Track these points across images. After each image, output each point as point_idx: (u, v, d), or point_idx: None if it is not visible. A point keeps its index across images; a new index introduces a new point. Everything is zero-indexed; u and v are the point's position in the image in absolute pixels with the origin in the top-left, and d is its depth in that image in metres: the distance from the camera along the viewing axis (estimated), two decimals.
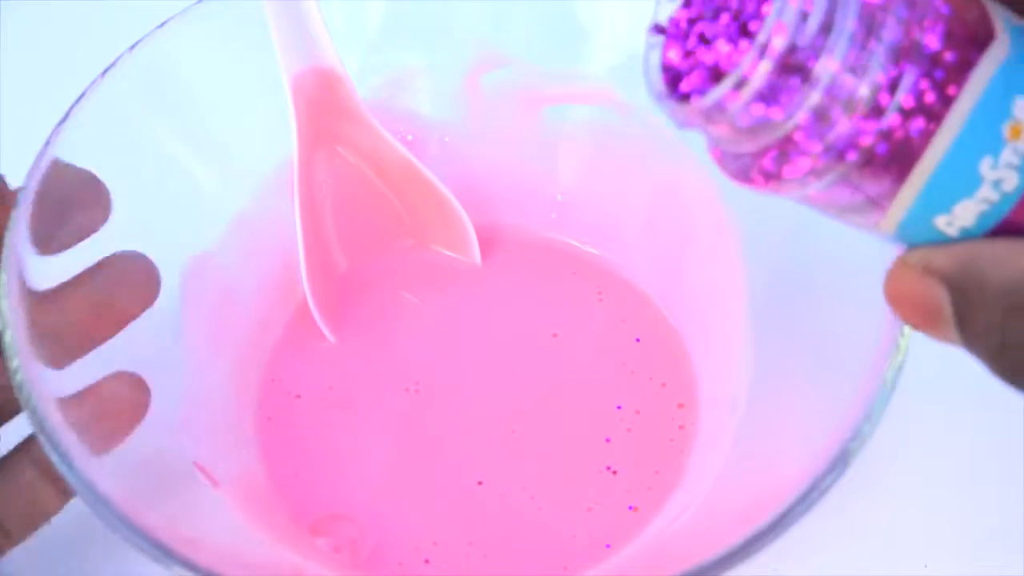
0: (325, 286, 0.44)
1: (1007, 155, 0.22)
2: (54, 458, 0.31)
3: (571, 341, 0.43)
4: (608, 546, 0.38)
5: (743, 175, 0.24)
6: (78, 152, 0.37)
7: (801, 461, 0.31)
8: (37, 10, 0.55)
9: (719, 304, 0.41)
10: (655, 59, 0.25)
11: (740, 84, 0.22)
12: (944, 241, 0.23)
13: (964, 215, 0.23)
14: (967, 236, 0.23)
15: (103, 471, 0.31)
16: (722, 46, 0.23)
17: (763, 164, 0.24)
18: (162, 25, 0.39)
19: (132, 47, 0.39)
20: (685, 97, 0.24)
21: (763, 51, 0.22)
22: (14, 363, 0.32)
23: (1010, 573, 0.38)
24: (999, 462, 0.40)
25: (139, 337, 0.38)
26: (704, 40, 0.24)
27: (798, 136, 0.23)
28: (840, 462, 0.30)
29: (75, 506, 0.30)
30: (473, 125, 0.45)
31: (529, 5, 0.43)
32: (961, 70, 0.22)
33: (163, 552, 0.29)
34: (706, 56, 0.24)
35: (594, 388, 0.42)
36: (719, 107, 0.23)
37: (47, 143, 0.36)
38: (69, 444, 0.31)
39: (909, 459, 0.40)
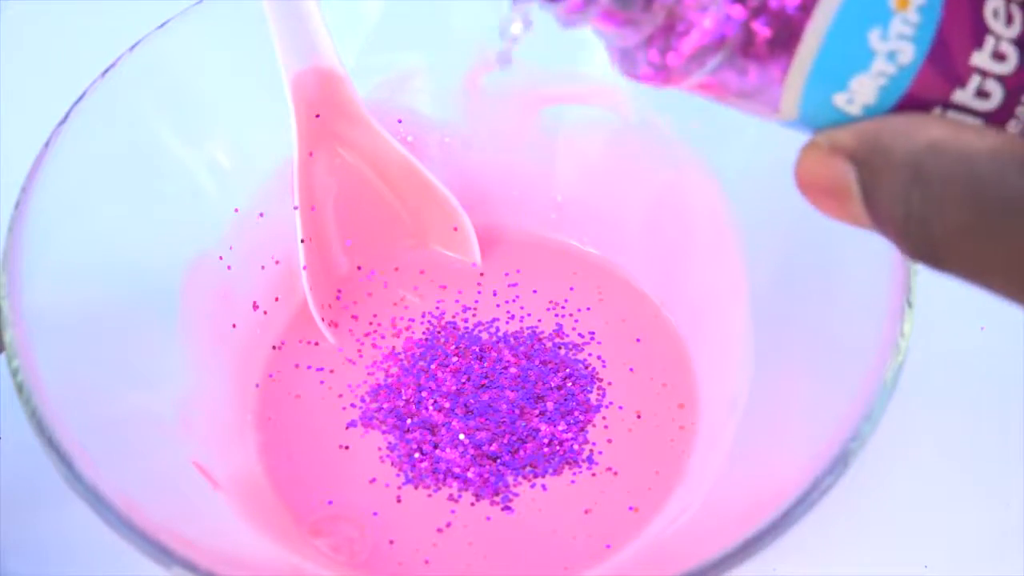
0: (325, 286, 0.44)
1: (897, 25, 0.22)
2: (54, 459, 0.31)
3: (570, 341, 0.43)
4: (608, 546, 0.38)
5: (635, 71, 0.24)
6: (78, 152, 0.37)
7: (801, 461, 0.31)
8: (37, 10, 0.55)
9: (719, 304, 0.41)
10: None
11: None
12: (851, 121, 0.23)
13: (863, 91, 0.23)
14: (872, 114, 0.23)
15: (103, 472, 0.31)
16: None
17: (649, 56, 0.23)
18: (162, 25, 0.39)
19: (132, 47, 0.39)
20: None
21: None
22: (14, 363, 0.32)
23: (1010, 573, 0.38)
24: (999, 462, 0.40)
25: (139, 337, 0.38)
26: None
27: (675, 21, 0.22)
28: (840, 462, 0.30)
29: (75, 506, 0.30)
30: (473, 125, 0.45)
31: (529, 5, 0.43)
32: None
33: (163, 552, 0.29)
34: None
35: (594, 388, 0.42)
36: (589, 3, 0.22)
37: (47, 143, 0.36)
38: (69, 445, 0.31)
39: (909, 459, 0.40)
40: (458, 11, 0.43)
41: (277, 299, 0.44)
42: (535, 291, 0.44)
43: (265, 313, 0.43)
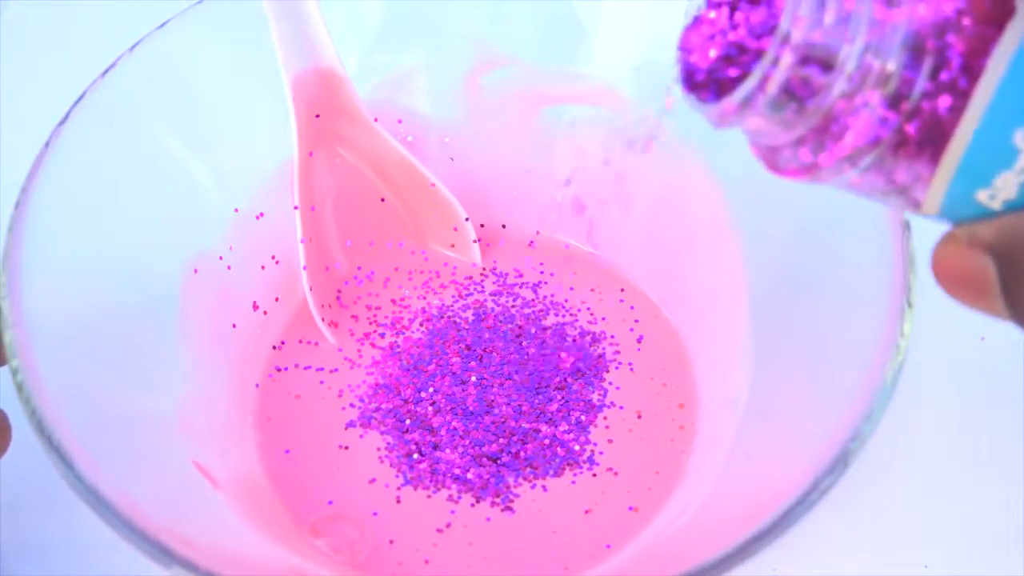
0: (325, 286, 0.44)
1: None
2: (54, 459, 0.31)
3: (571, 342, 0.43)
4: (608, 546, 0.38)
5: (782, 167, 0.24)
6: (78, 152, 0.37)
7: (801, 461, 0.31)
8: (37, 10, 0.55)
9: (719, 304, 0.41)
10: (680, 66, 0.25)
11: (764, 79, 0.23)
12: (990, 215, 0.23)
13: (1006, 187, 0.23)
14: (1013, 209, 0.23)
15: (103, 472, 0.31)
16: (743, 38, 0.24)
17: (800, 154, 0.24)
18: (162, 25, 0.39)
19: (132, 47, 0.39)
20: (715, 97, 0.24)
21: (784, 42, 0.22)
22: (14, 363, 0.32)
23: (1010, 573, 0.38)
24: (999, 462, 0.40)
25: (139, 337, 0.38)
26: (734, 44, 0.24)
27: (830, 124, 0.23)
28: (840, 462, 0.30)
29: (76, 506, 0.30)
30: (473, 125, 0.45)
31: (529, 5, 0.43)
32: (984, 44, 0.22)
33: (163, 552, 0.29)
34: (715, 52, 0.24)
35: (595, 389, 0.42)
36: (748, 103, 0.23)
37: (47, 143, 0.36)
38: (69, 445, 0.31)
39: (909, 459, 0.40)
40: (458, 11, 0.43)
41: (277, 299, 0.44)
42: (535, 291, 0.44)
43: (265, 313, 0.43)
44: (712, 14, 0.25)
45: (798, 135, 0.23)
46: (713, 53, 0.24)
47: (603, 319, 0.44)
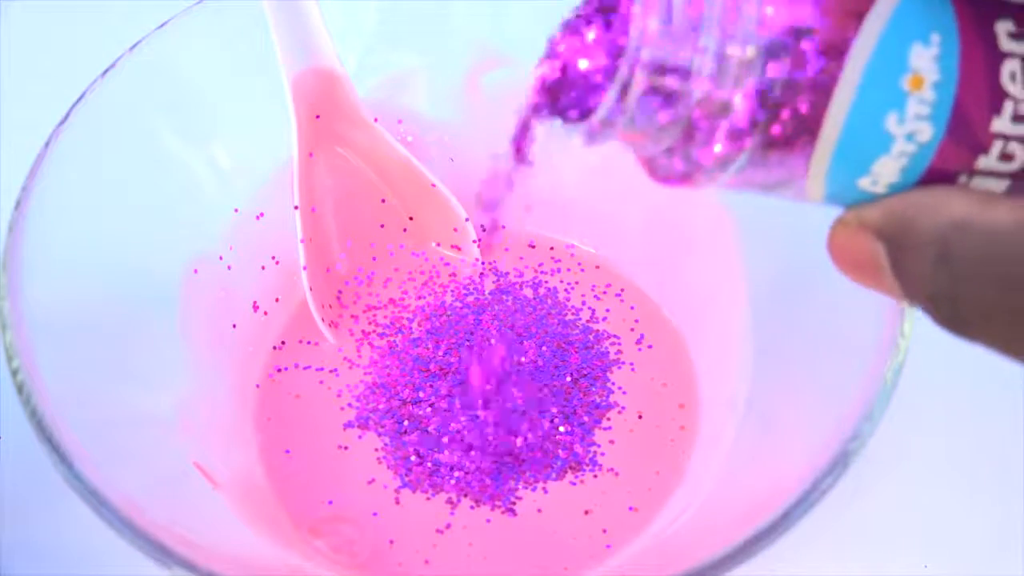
0: (325, 286, 0.44)
1: (913, 107, 0.22)
2: (54, 459, 0.31)
3: (571, 342, 0.43)
4: (609, 546, 0.38)
5: (662, 176, 0.25)
6: (78, 152, 0.37)
7: (801, 461, 0.31)
8: (37, 10, 0.55)
9: (719, 304, 0.41)
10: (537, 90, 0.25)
11: (620, 98, 0.23)
12: (876, 198, 0.23)
13: (886, 172, 0.23)
14: (898, 190, 0.23)
15: (104, 472, 0.31)
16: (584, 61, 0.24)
17: (674, 163, 0.24)
18: (162, 25, 0.39)
19: (132, 47, 0.39)
20: (579, 117, 0.24)
21: (634, 60, 0.22)
22: (14, 363, 0.32)
23: (1010, 573, 0.38)
24: (999, 462, 0.40)
25: (139, 337, 0.38)
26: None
27: (695, 132, 0.23)
28: (840, 462, 0.30)
29: (75, 506, 0.30)
30: (473, 125, 0.45)
31: (529, 5, 0.43)
32: (844, 34, 0.22)
33: (163, 552, 0.29)
34: (570, 75, 0.24)
35: (595, 389, 0.42)
36: (609, 122, 0.23)
37: (47, 143, 0.36)
38: (69, 445, 0.31)
39: (909, 459, 0.40)
40: (458, 11, 0.43)
41: (277, 299, 0.44)
42: (535, 291, 0.44)
43: (265, 313, 0.43)
44: (562, 40, 0.25)
45: (668, 145, 0.23)
46: (573, 75, 0.24)
47: (603, 319, 0.44)
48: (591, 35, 0.24)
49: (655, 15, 0.22)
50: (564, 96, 0.24)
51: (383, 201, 0.45)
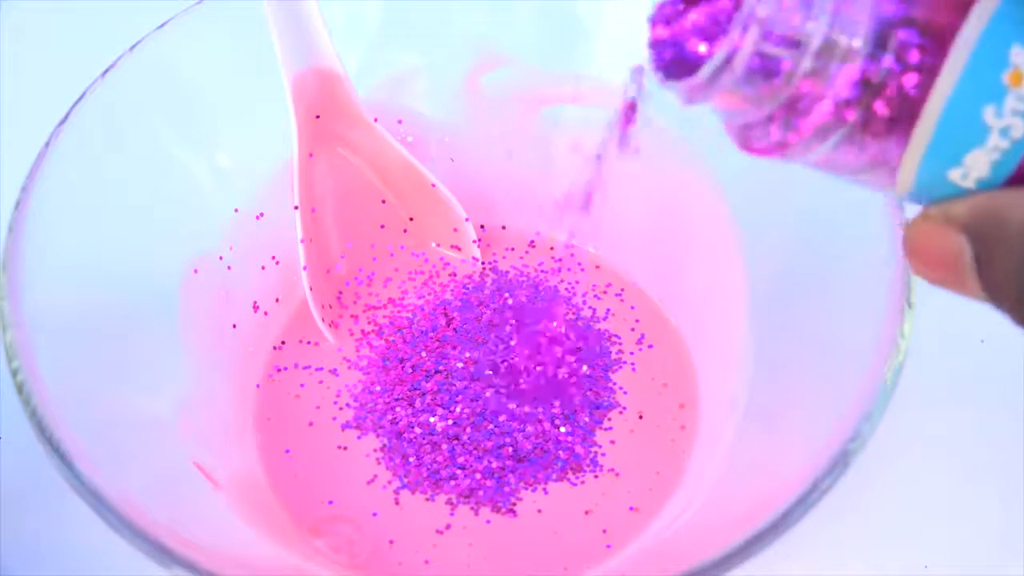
0: (325, 286, 0.44)
1: (1011, 102, 0.22)
2: (55, 459, 0.31)
3: (571, 342, 0.43)
4: (609, 546, 0.38)
5: (753, 145, 0.24)
6: (78, 152, 0.37)
7: (801, 461, 0.31)
8: (37, 10, 0.55)
9: (719, 304, 0.41)
10: (649, 42, 0.25)
11: (730, 56, 0.23)
12: (964, 194, 0.23)
13: (977, 166, 0.23)
14: (986, 187, 0.23)
15: (104, 472, 0.31)
16: (702, 17, 0.24)
17: (770, 132, 0.24)
18: (162, 25, 0.39)
19: (132, 47, 0.39)
20: (684, 74, 0.24)
21: (749, 19, 0.22)
22: (14, 364, 0.32)
23: (1010, 573, 0.38)
24: (999, 462, 0.40)
25: (139, 337, 0.38)
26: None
27: (798, 100, 0.23)
28: (840, 462, 0.30)
29: (75, 506, 0.30)
30: (473, 125, 0.45)
31: (529, 5, 0.43)
32: (952, 20, 0.22)
33: (163, 553, 0.29)
34: (687, 28, 0.24)
35: (595, 389, 0.41)
36: (715, 80, 0.23)
37: (47, 143, 0.36)
38: (70, 446, 0.31)
39: (909, 459, 0.40)
40: (458, 11, 0.43)
41: (277, 299, 0.44)
42: (535, 292, 0.44)
43: (265, 313, 0.43)
44: None
45: (768, 112, 0.23)
46: (687, 25, 0.24)
47: (603, 319, 0.44)
48: None
49: None
50: (672, 51, 0.24)
51: (383, 202, 0.45)
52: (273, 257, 0.43)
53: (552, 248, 0.46)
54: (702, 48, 0.24)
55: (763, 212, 0.39)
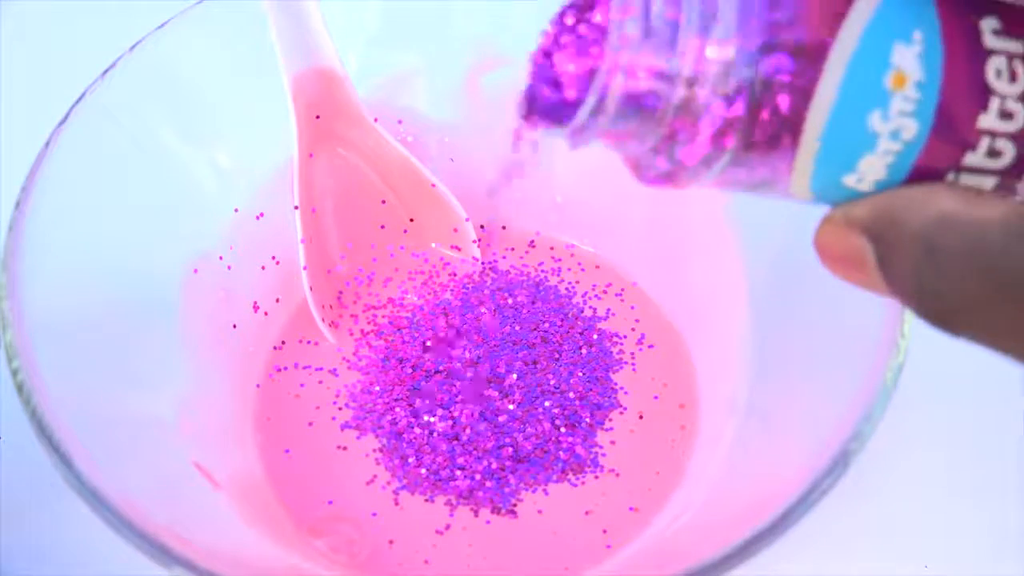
0: (325, 286, 0.44)
1: (898, 104, 0.22)
2: (54, 459, 0.31)
3: (571, 342, 0.43)
4: (609, 546, 0.38)
5: (646, 176, 0.25)
6: (78, 152, 0.37)
7: (801, 461, 0.31)
8: (37, 10, 0.55)
9: (719, 304, 0.41)
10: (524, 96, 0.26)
11: (600, 100, 0.23)
12: (864, 195, 0.23)
13: (872, 169, 0.23)
14: (885, 188, 0.23)
15: (104, 472, 0.31)
16: (563, 63, 0.24)
17: (657, 163, 0.24)
18: (162, 25, 0.39)
19: (132, 47, 0.39)
20: (563, 120, 0.24)
21: (613, 64, 0.22)
22: (14, 363, 0.32)
23: (1010, 573, 0.38)
24: (999, 462, 0.40)
25: (139, 337, 0.38)
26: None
27: (675, 133, 0.23)
28: (840, 462, 0.30)
29: (75, 506, 0.30)
30: (473, 125, 0.45)
31: (529, 5, 0.43)
32: (822, 39, 0.22)
33: (163, 553, 0.29)
34: (552, 78, 0.24)
35: (595, 389, 0.41)
36: (590, 125, 0.23)
37: (47, 143, 0.36)
38: (69, 445, 0.31)
39: (909, 459, 0.40)
40: (458, 11, 0.43)
41: (277, 299, 0.44)
42: (535, 292, 0.44)
43: (265, 313, 0.43)
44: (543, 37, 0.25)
45: (652, 146, 0.24)
46: (558, 77, 0.24)
47: (603, 319, 0.44)
48: (569, 39, 0.24)
49: (633, 18, 0.22)
50: (545, 101, 0.25)
51: (383, 202, 0.45)
52: (273, 257, 0.43)
53: (552, 248, 0.46)
54: (572, 94, 0.24)
55: (763, 212, 0.39)
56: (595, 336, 0.43)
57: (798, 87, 0.22)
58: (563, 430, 0.40)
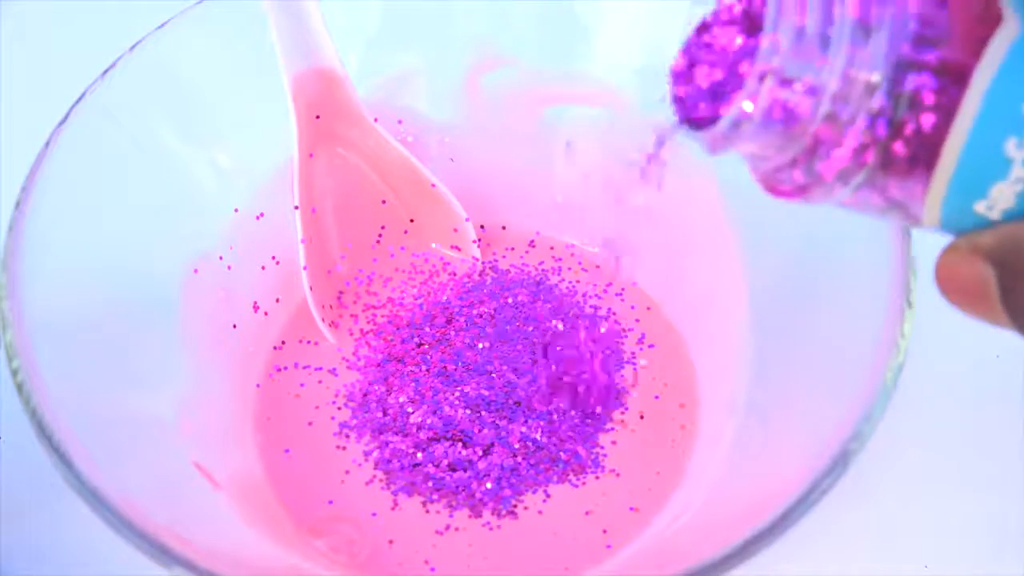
0: (325, 286, 0.44)
1: None
2: (54, 459, 0.31)
3: (571, 342, 0.43)
4: (609, 546, 0.38)
5: (779, 188, 0.25)
6: (78, 152, 0.37)
7: (801, 461, 0.31)
8: (37, 10, 0.55)
9: (719, 304, 0.41)
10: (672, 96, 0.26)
11: (743, 113, 0.23)
12: (991, 224, 0.23)
13: (1002, 197, 0.23)
14: (1012, 217, 0.23)
15: (104, 472, 0.31)
16: (715, 73, 0.24)
17: (793, 176, 0.24)
18: (162, 25, 0.39)
19: (132, 47, 0.39)
20: (707, 124, 0.24)
21: (764, 69, 0.23)
22: (14, 363, 0.32)
23: (1010, 573, 0.38)
24: (999, 462, 0.40)
25: (139, 337, 0.38)
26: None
27: (817, 146, 0.23)
28: (840, 462, 0.30)
29: (75, 506, 0.30)
30: (473, 125, 0.45)
31: (529, 5, 0.43)
32: (967, 58, 0.22)
33: (163, 553, 0.29)
34: (703, 82, 0.25)
35: (595, 389, 0.41)
36: (735, 130, 0.23)
37: (47, 143, 0.36)
38: (69, 445, 0.31)
39: (909, 459, 0.40)
40: (458, 11, 0.43)
41: (277, 299, 0.44)
42: (535, 292, 0.44)
43: (265, 313, 0.43)
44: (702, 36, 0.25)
45: (790, 157, 0.24)
46: (703, 83, 0.25)
47: (604, 320, 0.44)
48: (724, 44, 0.24)
49: (787, 28, 0.23)
50: (693, 102, 0.25)
51: (383, 202, 0.45)
52: (273, 257, 0.43)
53: (552, 248, 0.46)
54: (722, 100, 0.24)
55: (763, 212, 0.39)
56: (594, 338, 0.43)
57: (941, 106, 0.22)
58: (567, 434, 0.40)
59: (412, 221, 0.45)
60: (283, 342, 0.43)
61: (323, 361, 0.43)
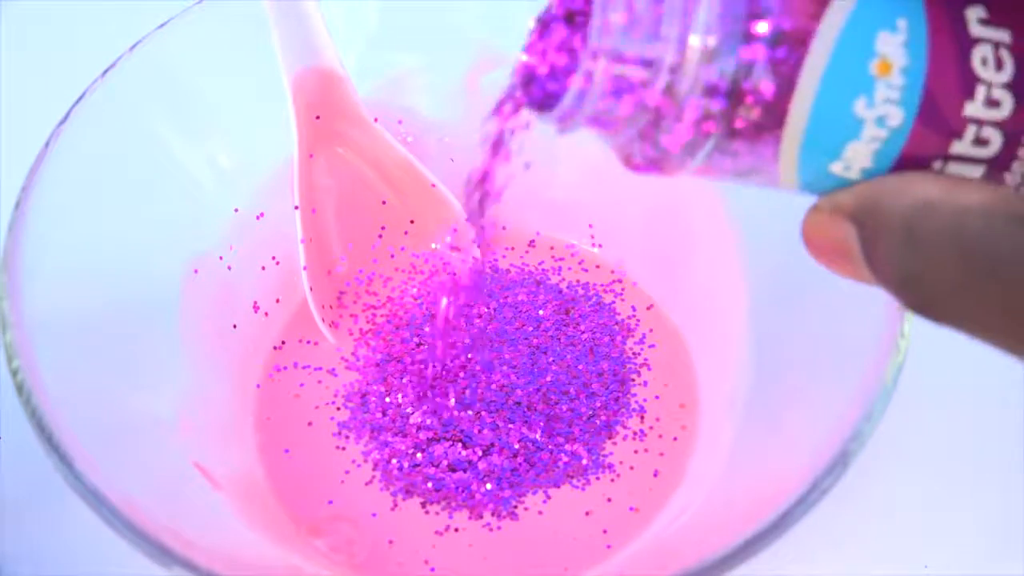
0: (325, 286, 0.44)
1: (882, 91, 0.22)
2: (54, 459, 0.31)
3: (571, 342, 0.43)
4: (609, 546, 0.38)
5: (633, 163, 0.25)
6: (78, 152, 0.37)
7: (801, 461, 0.31)
8: (37, 10, 0.55)
9: (719, 304, 0.41)
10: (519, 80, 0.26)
11: (584, 86, 0.23)
12: (851, 184, 0.23)
13: (858, 157, 0.23)
14: (872, 175, 0.23)
15: (104, 472, 0.31)
16: (552, 55, 0.25)
17: (643, 150, 0.24)
18: (162, 25, 0.39)
19: (132, 47, 0.39)
20: (546, 105, 0.25)
21: (596, 51, 0.23)
22: (14, 363, 0.32)
23: (1010, 573, 0.38)
24: (999, 462, 0.40)
25: (139, 337, 0.38)
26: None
27: (659, 120, 0.23)
28: (840, 462, 0.30)
29: (76, 506, 0.30)
30: (473, 125, 0.45)
31: (529, 5, 0.43)
32: (805, 26, 0.22)
33: (163, 552, 0.29)
34: (541, 68, 0.25)
35: (595, 389, 0.41)
36: (576, 110, 0.24)
37: (47, 143, 0.36)
38: (70, 445, 0.31)
39: (909, 459, 0.40)
40: (458, 11, 0.43)
41: (278, 300, 0.44)
42: (536, 292, 0.44)
43: (266, 314, 0.43)
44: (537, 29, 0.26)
45: (637, 132, 0.24)
46: (543, 69, 0.25)
47: (604, 319, 0.44)
48: (558, 28, 0.25)
49: (618, 6, 0.22)
50: (535, 86, 0.25)
51: (383, 202, 0.45)
52: (273, 257, 0.43)
53: (552, 248, 0.46)
54: (557, 79, 0.25)
55: (763, 212, 0.39)
56: (594, 336, 0.43)
57: (782, 73, 0.22)
58: (569, 435, 0.40)
59: (412, 221, 0.45)
60: (283, 342, 0.43)
61: (323, 361, 0.43)
